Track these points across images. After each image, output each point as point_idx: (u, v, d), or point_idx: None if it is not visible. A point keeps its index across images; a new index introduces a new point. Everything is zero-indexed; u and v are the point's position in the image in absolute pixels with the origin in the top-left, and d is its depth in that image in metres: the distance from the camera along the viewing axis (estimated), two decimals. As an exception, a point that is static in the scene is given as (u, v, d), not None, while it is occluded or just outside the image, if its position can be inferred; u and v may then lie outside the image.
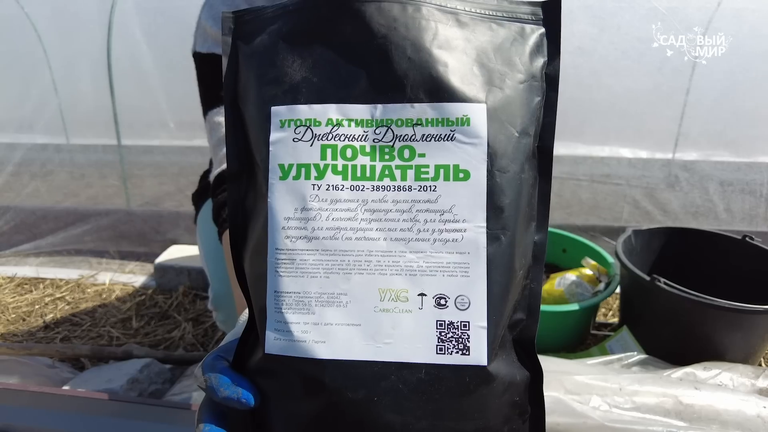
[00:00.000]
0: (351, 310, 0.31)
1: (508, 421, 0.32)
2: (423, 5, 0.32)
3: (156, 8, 1.78)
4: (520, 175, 0.32)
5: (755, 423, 0.84)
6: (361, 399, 0.30)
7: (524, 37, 0.33)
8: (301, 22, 0.34)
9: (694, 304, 1.00)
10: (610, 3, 1.52)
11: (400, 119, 0.32)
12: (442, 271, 0.31)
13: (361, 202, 0.32)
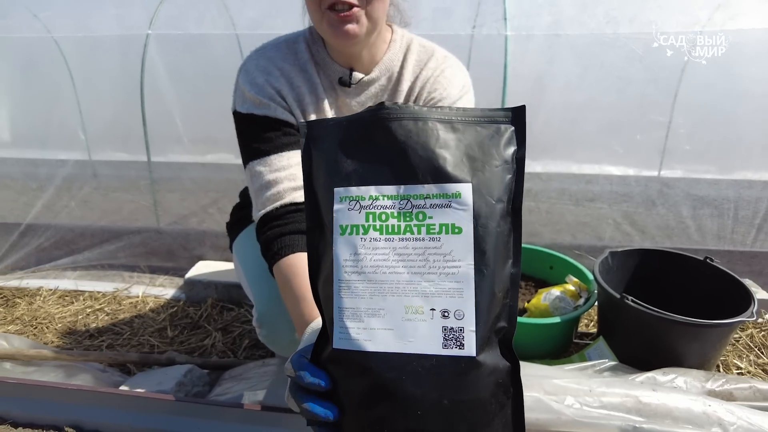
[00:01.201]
0: (387, 320, 0.50)
1: (495, 396, 0.50)
2: (429, 120, 0.51)
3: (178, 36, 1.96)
4: (497, 229, 0.50)
5: (701, 418, 1.02)
6: (394, 377, 0.49)
7: (499, 134, 0.52)
8: (350, 132, 0.54)
9: (657, 319, 1.18)
10: (592, 46, 1.70)
11: (416, 194, 0.51)
12: (445, 294, 0.49)
13: (391, 249, 0.50)
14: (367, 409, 0.50)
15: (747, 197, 1.72)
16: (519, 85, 1.64)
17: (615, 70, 1.72)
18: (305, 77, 0.96)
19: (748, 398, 1.11)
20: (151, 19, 1.92)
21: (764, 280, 1.70)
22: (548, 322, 1.31)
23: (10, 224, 2.02)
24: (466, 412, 0.50)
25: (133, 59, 1.87)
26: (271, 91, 0.94)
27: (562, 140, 1.83)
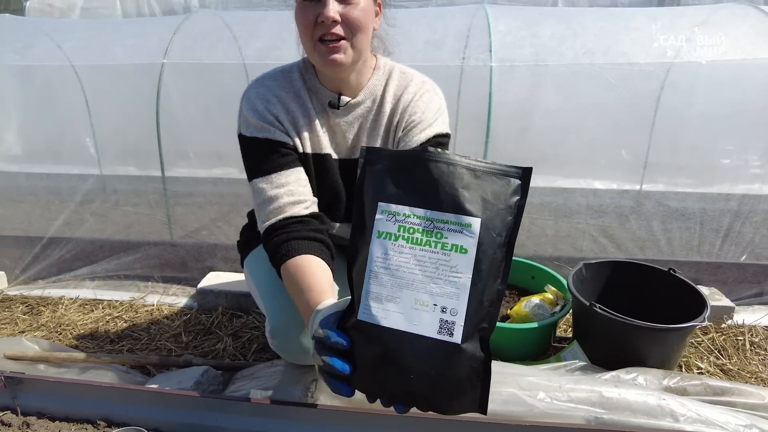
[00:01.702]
0: (400, 306, 0.70)
1: (469, 377, 0.70)
2: (458, 166, 0.71)
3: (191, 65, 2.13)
4: (493, 255, 0.70)
5: (656, 410, 1.17)
6: (398, 348, 0.69)
7: (509, 186, 0.72)
8: (397, 164, 0.74)
9: (622, 324, 1.33)
10: (569, 75, 1.87)
11: (438, 219, 0.71)
12: (446, 296, 0.68)
13: (413, 255, 0.71)
14: (374, 369, 0.72)
15: (712, 211, 1.88)
16: (503, 111, 1.81)
17: (591, 96, 1.89)
18: (299, 102, 1.11)
19: (700, 393, 1.26)
20: (165, 50, 2.09)
21: (729, 288, 1.86)
22: (527, 327, 1.46)
23: (33, 237, 2.16)
24: (446, 385, 0.70)
25: (150, 85, 2.04)
26: (270, 117, 1.08)
27: (545, 160, 1.99)
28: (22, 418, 1.25)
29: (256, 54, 2.04)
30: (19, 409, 1.26)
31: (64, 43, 2.24)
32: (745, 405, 1.22)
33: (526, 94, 1.85)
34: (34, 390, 1.28)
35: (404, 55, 1.23)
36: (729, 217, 1.87)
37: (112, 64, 2.12)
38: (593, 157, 2.05)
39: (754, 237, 1.85)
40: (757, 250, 1.87)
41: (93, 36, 2.30)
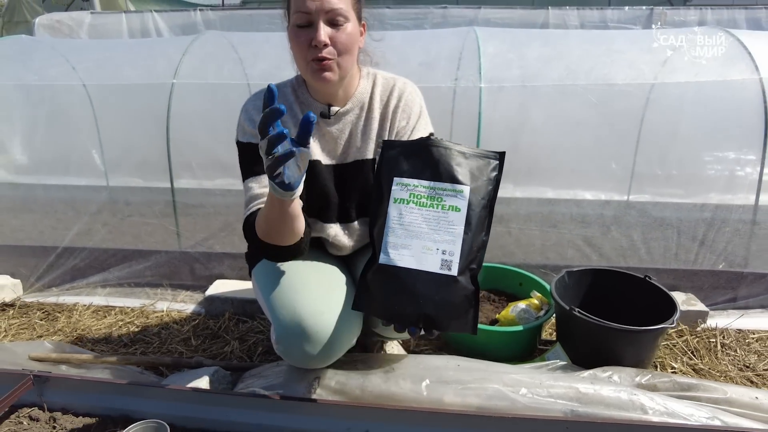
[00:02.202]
0: (411, 251, 0.96)
1: (463, 303, 0.95)
2: (452, 150, 0.99)
3: (201, 84, 2.26)
4: (479, 213, 0.97)
5: (627, 404, 1.28)
6: (410, 281, 0.95)
7: (489, 164, 1.00)
8: (408, 149, 1.01)
9: (599, 327, 1.45)
10: (554, 95, 2.01)
11: (439, 188, 0.97)
12: (445, 242, 0.97)
13: (420, 214, 0.98)
14: (393, 298, 0.98)
15: (688, 221, 2.01)
16: (492, 130, 1.94)
17: (575, 114, 2.02)
18: (291, 114, 1.24)
19: (668, 389, 1.38)
20: (175, 70, 2.22)
21: (705, 294, 1.98)
22: (513, 330, 1.58)
23: (48, 247, 2.28)
24: (446, 307, 0.96)
25: (161, 104, 2.17)
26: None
27: (533, 174, 2.12)
28: (48, 413, 1.36)
29: (260, 74, 2.17)
30: (45, 406, 1.37)
31: (79, 63, 2.37)
32: (709, 399, 1.34)
33: (514, 113, 1.99)
34: (59, 388, 1.39)
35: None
36: (704, 226, 2.00)
37: (125, 83, 2.25)
38: (580, 170, 2.18)
39: (727, 245, 1.98)
40: (731, 258, 1.99)
41: (107, 57, 2.43)
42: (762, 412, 1.33)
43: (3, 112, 2.41)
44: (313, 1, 1.07)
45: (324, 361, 1.19)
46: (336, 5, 1.08)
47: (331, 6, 1.08)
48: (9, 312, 2.10)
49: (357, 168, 1.27)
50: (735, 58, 2.02)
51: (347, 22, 1.11)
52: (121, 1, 8.32)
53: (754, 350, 1.74)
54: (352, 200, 1.28)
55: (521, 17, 4.52)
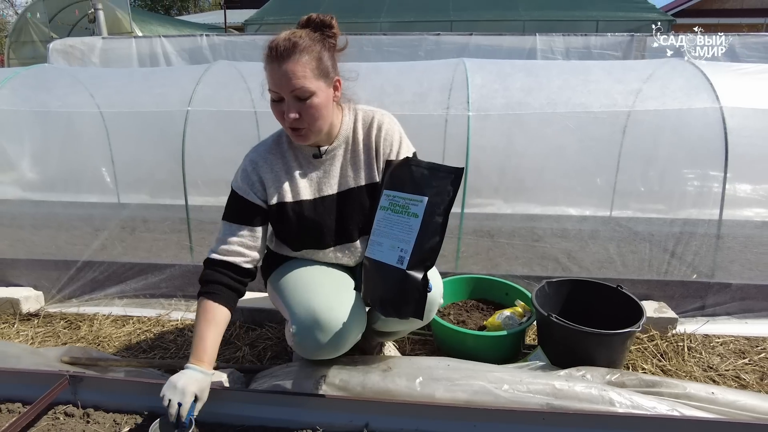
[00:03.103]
0: (382, 247, 1.25)
1: (412, 291, 1.18)
2: (421, 167, 1.25)
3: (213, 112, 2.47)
4: (434, 219, 1.17)
5: (597, 398, 1.46)
6: (379, 271, 1.23)
7: (448, 179, 1.19)
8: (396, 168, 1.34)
9: (573, 331, 1.63)
10: (536, 122, 2.22)
11: (407, 198, 1.23)
12: (403, 242, 1.20)
13: (392, 219, 1.25)
14: (370, 283, 1.25)
15: (659, 234, 2.20)
16: (480, 153, 2.14)
17: (555, 140, 2.23)
18: (283, 161, 1.42)
19: (635, 386, 1.55)
20: (190, 98, 2.43)
21: (675, 302, 2.16)
22: (499, 335, 1.76)
23: (69, 261, 2.44)
24: (400, 294, 1.19)
25: (177, 129, 2.36)
26: (253, 179, 1.40)
27: (518, 193, 2.32)
28: (82, 410, 1.52)
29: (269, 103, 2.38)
30: (79, 403, 1.53)
31: (98, 91, 2.57)
32: (671, 394, 1.51)
33: (500, 138, 2.19)
34: (91, 387, 1.55)
35: (395, 106, 1.56)
36: (673, 240, 2.19)
37: (144, 110, 2.45)
38: (563, 188, 2.39)
39: (695, 257, 2.17)
40: (699, 269, 2.18)
41: (125, 84, 2.64)
42: (717, 406, 1.50)
43: (28, 135, 2.60)
44: (278, 83, 1.23)
45: (334, 351, 1.37)
46: (298, 85, 1.21)
47: (293, 86, 1.21)
48: (34, 321, 2.26)
49: (353, 194, 1.44)
50: (698, 89, 2.24)
51: (313, 95, 1.24)
52: (126, 24, 8.62)
53: (717, 353, 1.92)
54: (354, 222, 1.46)
55: (510, 43, 4.77)
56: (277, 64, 1.22)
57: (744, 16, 14.07)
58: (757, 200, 2.26)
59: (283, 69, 1.21)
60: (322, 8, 9.49)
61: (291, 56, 1.21)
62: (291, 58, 1.21)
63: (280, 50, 1.21)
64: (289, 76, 1.21)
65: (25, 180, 2.69)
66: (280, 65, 1.22)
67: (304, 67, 1.22)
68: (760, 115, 2.17)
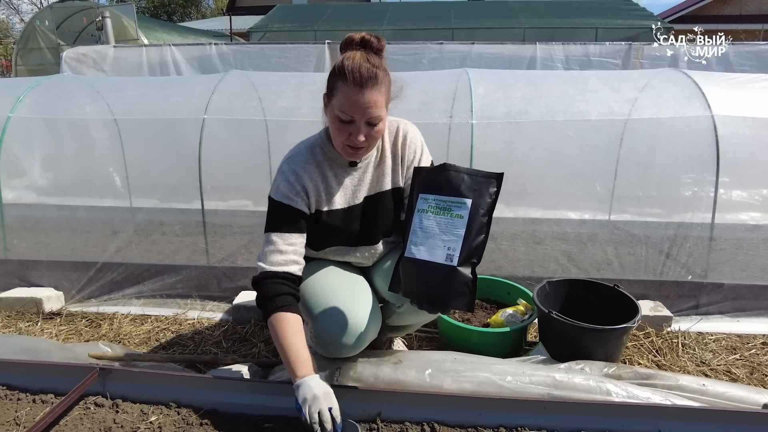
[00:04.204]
0: (426, 247, 1.30)
1: (461, 287, 1.26)
2: (461, 173, 1.30)
3: (226, 120, 2.58)
4: (479, 220, 1.27)
5: (595, 389, 1.56)
6: (424, 269, 1.29)
7: (489, 182, 1.29)
8: (429, 173, 1.36)
9: (572, 327, 1.73)
10: (536, 130, 2.33)
11: (449, 200, 1.29)
12: (451, 241, 1.27)
13: (435, 220, 1.30)
14: (412, 280, 1.30)
15: (654, 237, 2.30)
16: (483, 160, 2.25)
17: (552, 147, 2.34)
18: (320, 172, 1.49)
19: (631, 378, 1.65)
20: (206, 107, 2.54)
21: (671, 302, 2.26)
22: (501, 331, 1.86)
23: (89, 262, 2.55)
24: (448, 289, 1.26)
25: (194, 136, 2.48)
26: (298, 188, 1.45)
27: (519, 198, 2.43)
28: (111, 400, 1.62)
29: (281, 112, 2.49)
30: (108, 394, 1.63)
31: (117, 100, 2.69)
32: (664, 386, 1.61)
33: (502, 146, 2.30)
34: (119, 379, 1.65)
35: (402, 114, 1.66)
36: (668, 242, 2.29)
37: (161, 118, 2.57)
38: (563, 193, 2.49)
39: (689, 259, 2.27)
40: (693, 270, 2.28)
41: (143, 93, 2.75)
42: (708, 396, 1.60)
43: (50, 142, 2.72)
44: (357, 110, 1.29)
45: (355, 350, 1.47)
46: (375, 114, 1.31)
47: (371, 115, 1.30)
48: (56, 320, 2.36)
49: (380, 198, 1.55)
50: (691, 98, 2.35)
51: (381, 120, 1.34)
52: (132, 31, 8.77)
53: (710, 349, 2.02)
54: (378, 226, 1.56)
55: (511, 52, 4.90)
56: (358, 90, 1.27)
57: (742, 22, 14.24)
58: (747, 204, 2.36)
59: (366, 98, 1.28)
60: (326, 17, 9.65)
61: (373, 86, 1.28)
62: (373, 87, 1.28)
63: (364, 78, 1.27)
64: (370, 105, 1.28)
65: (46, 185, 2.81)
66: (363, 93, 1.27)
67: (380, 97, 1.31)
68: (750, 123, 2.28)
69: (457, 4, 11.01)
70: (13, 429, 1.51)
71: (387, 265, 1.60)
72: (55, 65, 8.78)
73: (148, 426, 1.52)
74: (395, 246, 1.67)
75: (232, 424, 1.51)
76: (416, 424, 1.46)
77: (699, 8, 15.69)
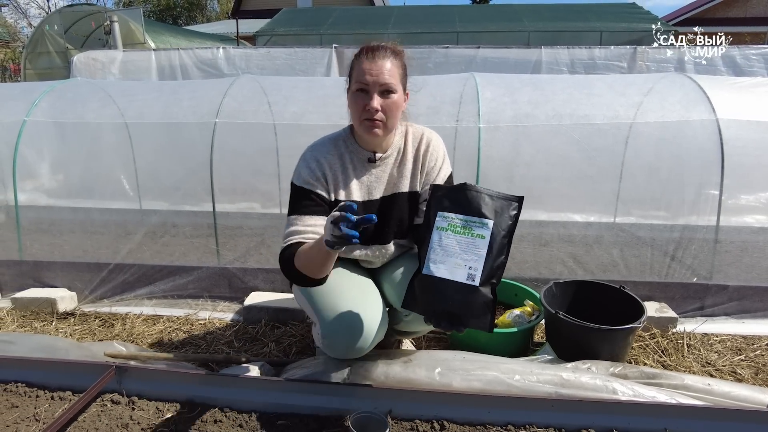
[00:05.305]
0: (446, 266, 1.28)
1: (482, 307, 1.28)
2: (482, 193, 1.30)
3: (235, 123, 2.63)
4: (500, 241, 1.28)
5: (601, 388, 1.58)
6: (443, 287, 1.27)
7: (510, 205, 1.31)
8: (449, 192, 1.37)
9: (579, 327, 1.76)
10: (542, 133, 2.36)
11: (470, 220, 1.29)
12: (472, 261, 1.27)
13: (455, 239, 1.30)
14: (430, 298, 1.29)
15: (659, 239, 2.33)
16: (490, 163, 2.28)
17: (558, 150, 2.37)
18: (340, 162, 1.57)
19: (637, 377, 1.67)
20: (217, 111, 2.59)
21: (676, 303, 2.28)
22: (509, 331, 1.89)
23: (101, 263, 2.60)
24: (468, 308, 1.27)
25: (205, 139, 2.52)
26: (318, 174, 1.54)
27: (526, 200, 2.45)
28: (127, 398, 1.66)
29: (291, 116, 2.54)
30: (124, 392, 1.67)
31: (130, 104, 2.74)
32: (670, 385, 1.63)
33: (509, 149, 2.34)
34: (135, 377, 1.69)
35: (409, 118, 1.70)
36: (673, 244, 2.32)
37: (174, 122, 2.62)
38: (569, 196, 2.52)
39: (694, 261, 2.30)
40: (698, 272, 2.30)
41: (155, 98, 2.81)
42: (713, 396, 1.63)
43: (62, 146, 2.77)
44: (370, 77, 1.40)
45: (361, 351, 1.50)
46: (388, 80, 1.41)
47: (384, 80, 1.40)
48: (70, 320, 2.41)
49: (395, 199, 1.60)
50: (696, 102, 2.38)
51: (395, 93, 1.43)
52: (139, 35, 8.87)
53: (715, 350, 2.04)
54: (391, 226, 1.60)
55: (516, 56, 4.93)
56: (371, 59, 1.41)
57: (747, 25, 14.23)
58: (753, 207, 2.38)
59: (378, 63, 1.40)
60: (332, 20, 9.72)
61: (386, 56, 1.42)
62: (386, 58, 1.42)
63: (375, 51, 1.42)
64: (383, 70, 1.40)
65: (58, 187, 2.86)
66: (375, 60, 1.41)
67: (394, 68, 1.43)
68: (755, 127, 2.30)
69: (462, 7, 11.08)
70: (33, 425, 1.55)
71: (398, 273, 1.62)
72: (63, 69, 8.89)
73: (163, 422, 1.56)
74: (406, 251, 1.70)
75: (246, 421, 1.55)
76: (426, 422, 1.49)
77: (703, 11, 15.69)
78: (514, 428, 1.46)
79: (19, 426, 1.54)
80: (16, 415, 1.57)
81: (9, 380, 1.71)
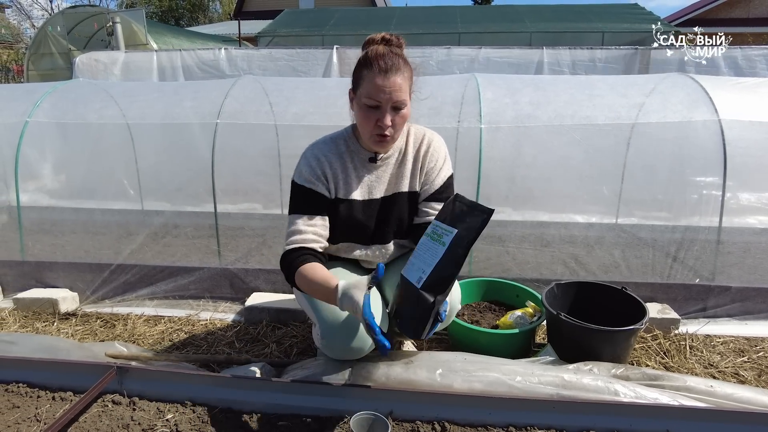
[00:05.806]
0: (413, 268, 1.32)
1: (426, 309, 1.25)
2: (462, 203, 1.33)
3: (236, 123, 2.63)
4: (455, 251, 1.26)
5: (603, 389, 1.58)
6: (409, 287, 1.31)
7: (479, 216, 1.27)
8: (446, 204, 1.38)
9: (580, 328, 1.75)
10: (544, 134, 2.35)
11: (442, 227, 1.31)
12: (426, 265, 1.28)
13: (427, 244, 1.33)
14: (396, 295, 1.34)
15: (661, 240, 2.32)
16: (491, 164, 2.28)
17: (560, 151, 2.37)
18: (341, 162, 1.57)
19: (639, 379, 1.67)
20: (218, 111, 2.59)
21: (678, 304, 2.28)
22: (510, 333, 1.89)
23: (103, 264, 2.60)
24: (417, 309, 1.27)
25: (207, 140, 2.52)
26: (318, 173, 1.54)
27: (527, 201, 2.45)
28: (128, 398, 1.66)
29: (293, 117, 2.54)
30: (125, 392, 1.67)
31: (132, 105, 2.75)
32: (671, 387, 1.63)
33: (510, 150, 2.33)
34: (136, 378, 1.69)
35: (411, 119, 1.70)
36: (675, 245, 2.31)
37: (175, 123, 2.62)
38: (570, 196, 2.52)
39: (696, 262, 2.29)
40: (701, 273, 2.30)
41: (157, 98, 2.81)
42: (715, 398, 1.62)
43: (64, 147, 2.78)
44: (384, 95, 1.36)
45: (360, 352, 1.50)
46: (401, 97, 1.39)
47: (396, 98, 1.38)
48: (72, 320, 2.41)
49: (395, 199, 1.60)
50: (698, 102, 2.37)
51: (405, 107, 1.42)
52: (142, 36, 8.89)
53: (718, 351, 2.03)
54: (391, 225, 1.60)
55: (518, 56, 4.93)
56: (383, 75, 1.36)
57: (749, 26, 14.20)
58: (755, 208, 2.38)
59: (390, 81, 1.36)
60: (334, 21, 9.73)
61: (397, 71, 1.37)
62: (397, 72, 1.37)
63: (388, 64, 1.36)
64: (395, 88, 1.36)
65: (59, 188, 2.87)
66: (387, 77, 1.36)
67: (404, 83, 1.39)
68: (757, 127, 2.30)
69: (464, 8, 11.08)
70: (34, 426, 1.55)
71: (398, 274, 1.62)
72: (65, 70, 8.92)
73: (164, 423, 1.55)
74: (406, 252, 1.70)
75: (247, 421, 1.54)
76: (427, 423, 1.49)
77: (706, 11, 15.67)
78: (516, 429, 1.45)
79: (20, 426, 1.54)
80: (18, 416, 1.58)
81: (10, 380, 1.72)
